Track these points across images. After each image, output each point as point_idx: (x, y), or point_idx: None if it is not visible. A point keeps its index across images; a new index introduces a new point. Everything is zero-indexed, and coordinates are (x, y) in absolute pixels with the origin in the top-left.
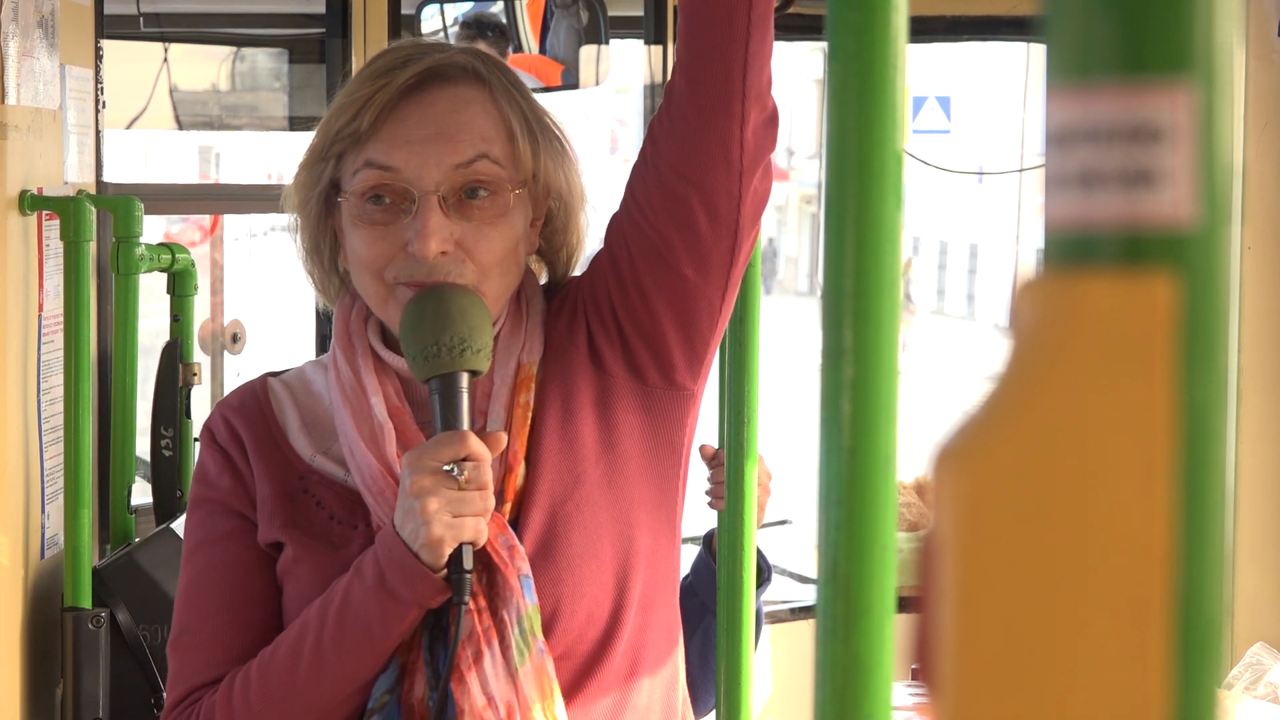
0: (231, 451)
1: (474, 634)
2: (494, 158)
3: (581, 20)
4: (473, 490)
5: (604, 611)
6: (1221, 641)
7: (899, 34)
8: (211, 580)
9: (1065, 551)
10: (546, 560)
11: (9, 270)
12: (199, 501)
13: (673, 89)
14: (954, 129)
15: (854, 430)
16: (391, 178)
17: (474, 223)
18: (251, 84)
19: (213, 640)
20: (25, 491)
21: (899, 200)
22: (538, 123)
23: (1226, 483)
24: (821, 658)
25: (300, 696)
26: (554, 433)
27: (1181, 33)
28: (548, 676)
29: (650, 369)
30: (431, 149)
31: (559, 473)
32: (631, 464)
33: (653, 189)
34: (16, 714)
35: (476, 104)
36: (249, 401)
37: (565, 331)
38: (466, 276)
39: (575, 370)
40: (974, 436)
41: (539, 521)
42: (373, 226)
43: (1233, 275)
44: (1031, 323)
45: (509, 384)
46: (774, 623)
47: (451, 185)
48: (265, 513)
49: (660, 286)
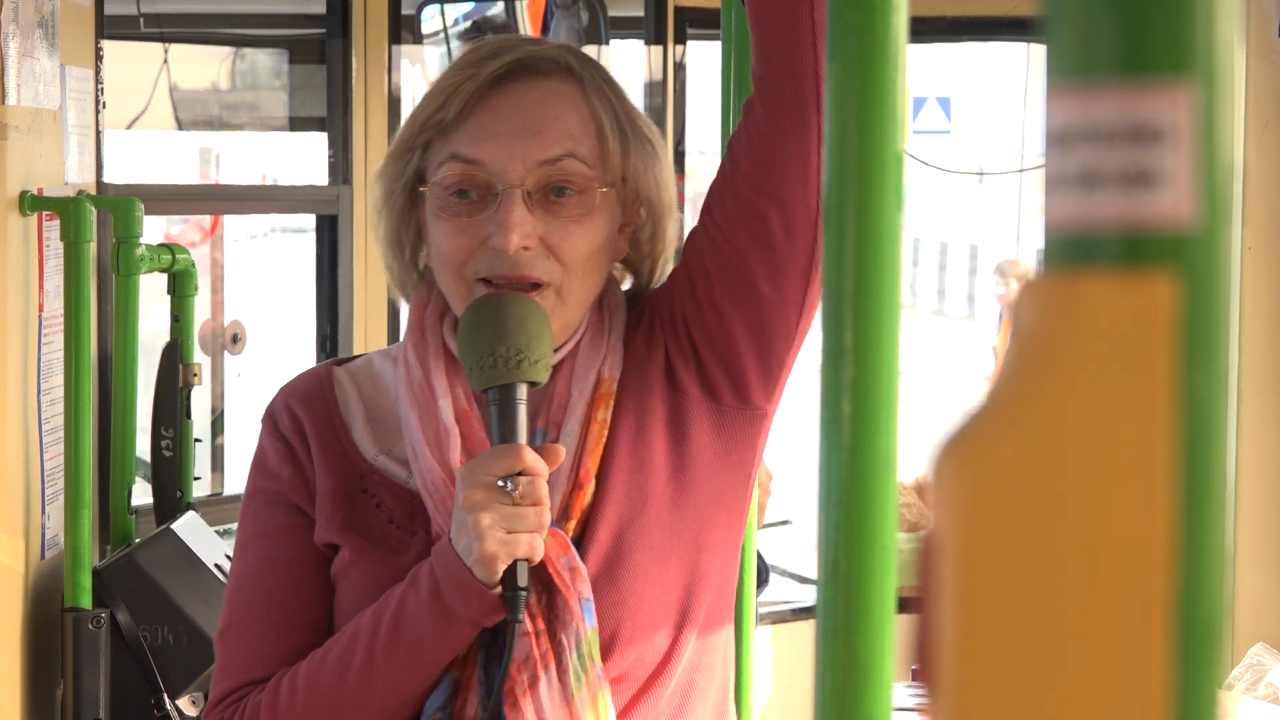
0: (294, 442)
1: (530, 658)
2: (581, 156)
3: (581, 20)
4: (527, 506)
5: (664, 636)
6: (1222, 642)
7: (899, 34)
8: (264, 576)
9: (1065, 551)
10: (609, 581)
11: (9, 270)
12: (257, 492)
13: (750, 104)
14: (954, 129)
15: (854, 430)
16: (476, 170)
17: (559, 219)
18: (251, 84)
19: (261, 637)
20: (25, 492)
21: (899, 200)
22: (629, 123)
23: (1226, 483)
24: (822, 658)
25: (347, 705)
26: (626, 450)
27: (1181, 33)
28: (604, 702)
29: (725, 388)
30: (518, 143)
31: (628, 492)
32: (702, 485)
33: (730, 205)
34: (17, 714)
35: (567, 100)
36: (314, 390)
37: (643, 347)
38: (551, 274)
39: (650, 387)
40: (974, 436)
41: (605, 541)
42: (455, 219)
43: (1233, 275)
44: (1032, 323)
45: (586, 398)
46: (774, 623)
47: (537, 181)
48: (324, 511)
49: (736, 304)
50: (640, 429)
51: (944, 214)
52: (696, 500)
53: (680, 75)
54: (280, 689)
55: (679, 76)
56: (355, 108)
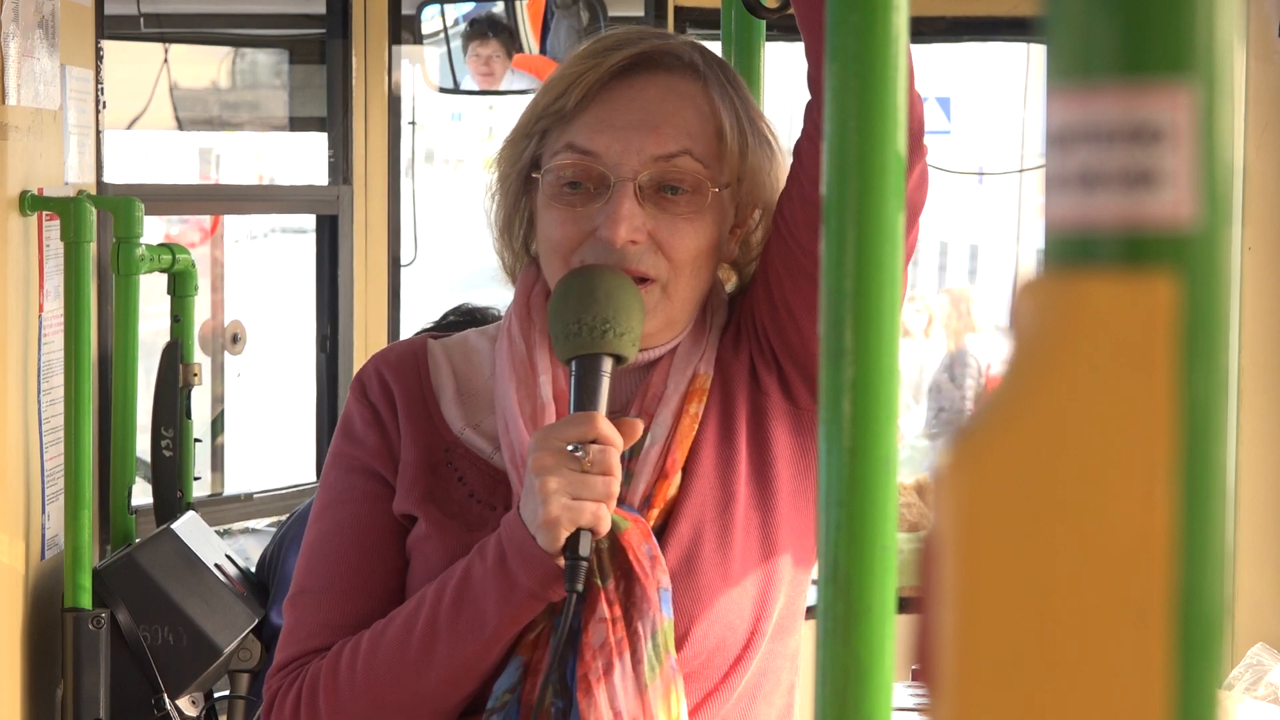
0: (381, 408)
1: (606, 644)
2: (697, 155)
3: (582, 20)
4: (596, 474)
5: (737, 637)
6: (1222, 641)
7: (899, 34)
8: (340, 542)
9: (1066, 551)
10: (688, 576)
11: (9, 270)
12: (338, 457)
13: (810, 106)
14: (954, 129)
15: (854, 430)
16: (590, 162)
17: (669, 215)
18: (251, 84)
19: (331, 605)
20: (25, 492)
21: (899, 201)
22: (750, 124)
23: (1226, 483)
24: (822, 658)
25: (407, 676)
26: (711, 446)
27: (1181, 33)
28: (677, 694)
29: (801, 390)
30: (635, 136)
31: (712, 488)
32: (782, 487)
33: (797, 206)
34: (17, 714)
35: (688, 96)
36: (407, 360)
37: (730, 349)
38: (658, 270)
39: (736, 388)
40: (975, 437)
41: (685, 535)
42: (566, 208)
43: (1233, 275)
44: (1032, 323)
45: (681, 391)
46: None
47: (650, 176)
48: (406, 480)
49: (809, 306)
50: (726, 428)
51: (944, 214)
52: (776, 502)
53: None
54: (341, 658)
55: None
56: (355, 108)
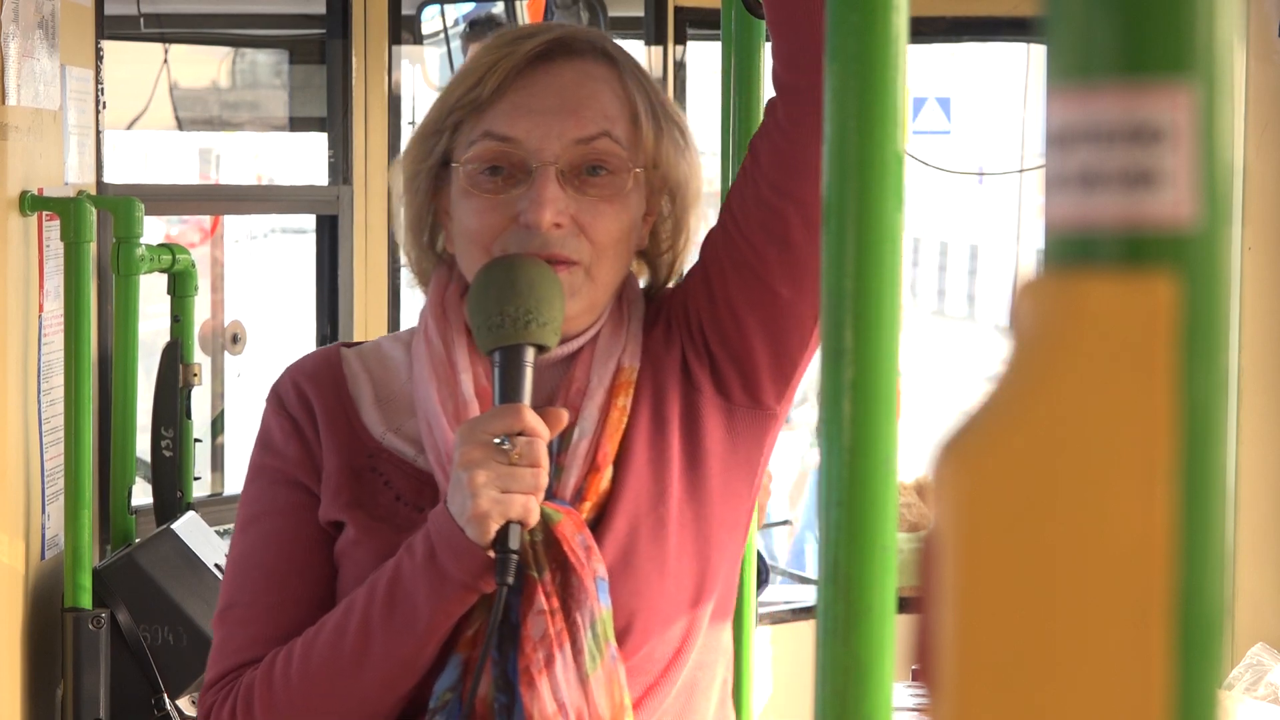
0: (300, 419)
1: (546, 636)
2: (615, 137)
3: (581, 20)
4: (524, 466)
5: (676, 630)
6: (1221, 641)
7: (899, 34)
8: (266, 554)
9: (1066, 551)
10: (625, 571)
11: (9, 270)
12: (260, 470)
13: (772, 103)
14: (954, 130)
15: (854, 430)
16: (510, 149)
17: (590, 199)
18: (251, 84)
19: (261, 617)
20: (25, 492)
21: (899, 201)
22: (662, 110)
23: (1226, 483)
24: (822, 658)
25: (343, 678)
26: (644, 442)
27: (1181, 33)
28: (619, 684)
29: (737, 387)
30: (554, 121)
31: (646, 482)
32: (713, 481)
33: (750, 204)
34: (17, 714)
35: (603, 80)
36: (323, 369)
37: (661, 343)
38: (581, 254)
39: (667, 382)
40: (975, 437)
41: (621, 530)
42: (485, 196)
43: (1233, 275)
44: (1032, 323)
45: (606, 385)
46: (774, 623)
47: (571, 160)
48: (330, 488)
49: (752, 304)
50: (658, 422)
51: (944, 214)
52: (708, 496)
53: (680, 75)
54: (275, 666)
55: (679, 76)
56: (355, 108)
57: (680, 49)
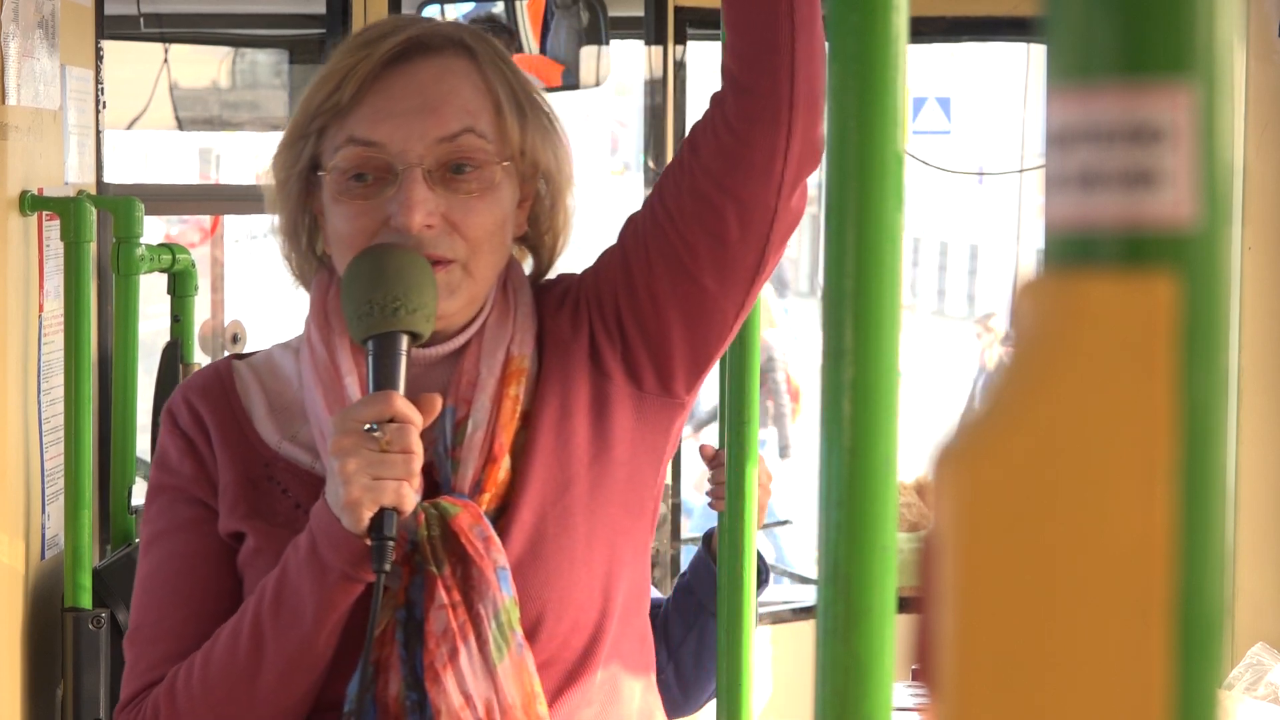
0: (194, 436)
1: (449, 630)
2: (480, 131)
3: (582, 20)
4: (395, 453)
5: (589, 619)
6: (1222, 641)
7: (899, 34)
8: (170, 572)
9: (1066, 551)
10: (534, 561)
11: (9, 270)
12: (158, 489)
13: (719, 97)
14: (954, 130)
15: (854, 430)
16: (374, 153)
17: (460, 196)
18: (251, 83)
19: (169, 635)
20: (25, 492)
21: (899, 201)
22: (526, 97)
23: (1226, 483)
24: (822, 658)
25: (241, 681)
26: (550, 431)
27: (1181, 33)
28: (528, 673)
29: (649, 376)
30: (415, 121)
31: (552, 472)
32: (620, 469)
33: (686, 196)
34: (17, 714)
35: (462, 74)
36: (213, 384)
37: (569, 329)
38: (456, 251)
39: (575, 370)
40: (975, 437)
41: (528, 521)
42: (354, 202)
43: (1233, 275)
44: (1032, 323)
45: (496, 375)
46: (774, 623)
47: (436, 159)
48: (227, 501)
49: (676, 295)
50: (564, 411)
51: (944, 214)
52: (615, 484)
53: (680, 75)
54: (178, 680)
55: (679, 76)
56: None
57: (680, 49)
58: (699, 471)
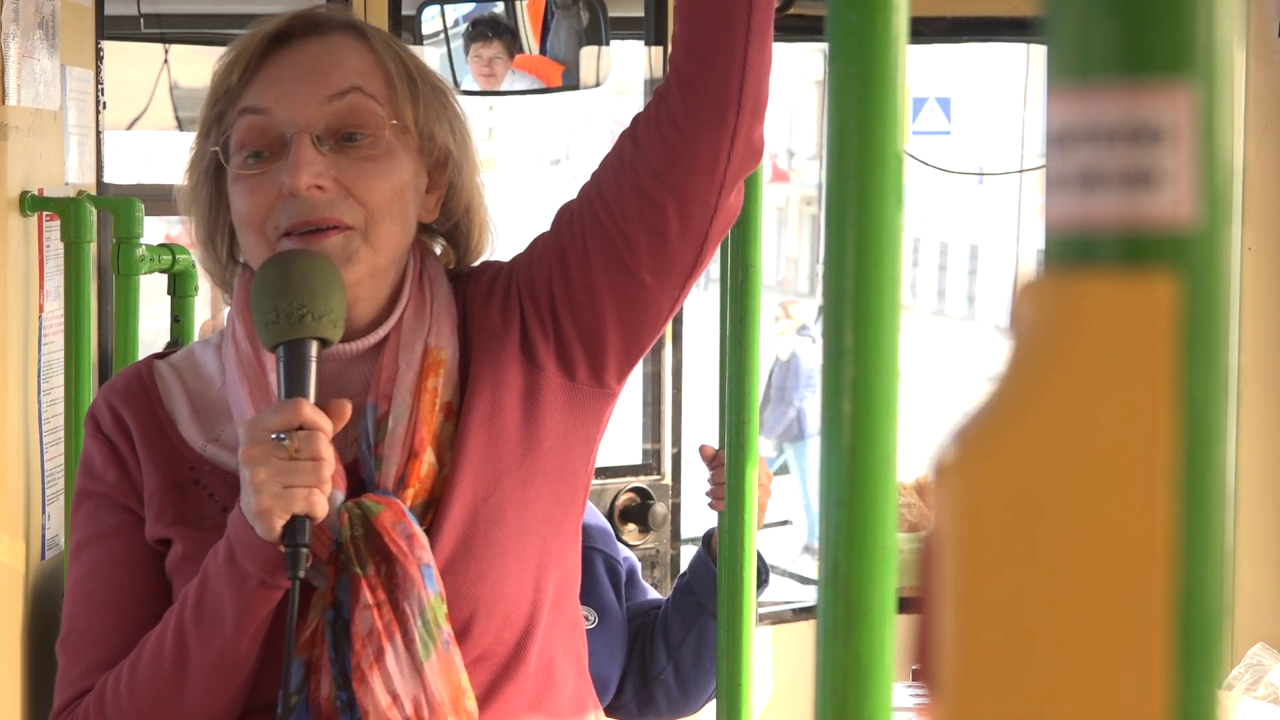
0: (118, 442)
1: (374, 630)
2: (369, 92)
3: (582, 21)
4: (304, 460)
5: (521, 612)
6: (1221, 641)
7: (899, 35)
8: (99, 579)
9: (1066, 552)
10: (465, 558)
11: (9, 271)
12: (84, 495)
13: (664, 92)
14: (954, 130)
15: (854, 430)
16: (265, 122)
17: (352, 160)
18: None
19: (100, 642)
20: (26, 491)
21: (899, 201)
22: (419, 73)
23: (1226, 483)
24: (822, 658)
25: (166, 687)
26: (480, 426)
27: (1181, 33)
28: (456, 669)
29: (581, 366)
30: (303, 83)
31: (482, 468)
32: (550, 461)
33: (626, 189)
34: (17, 714)
35: (349, 48)
36: (134, 387)
37: (498, 321)
38: (353, 217)
39: (506, 362)
40: (975, 437)
41: (459, 517)
42: (250, 178)
43: (1233, 275)
44: (1032, 323)
45: (415, 369)
46: (774, 623)
47: (327, 124)
48: (153, 507)
49: (612, 288)
50: (495, 404)
51: (944, 214)
52: (547, 476)
53: None
54: (106, 688)
55: None
56: None
57: None
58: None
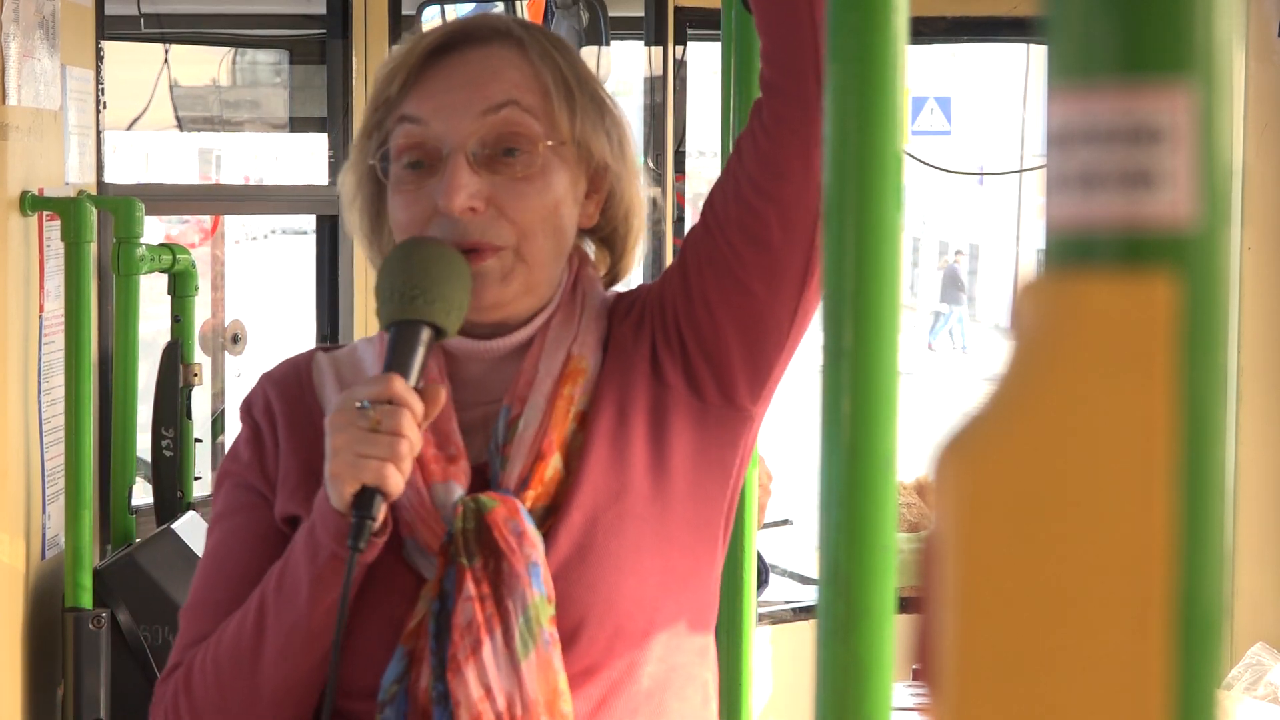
0: (262, 424)
1: (473, 623)
2: (525, 106)
3: (582, 21)
4: (383, 433)
5: (635, 628)
6: (1221, 641)
7: (899, 34)
8: (222, 553)
9: (1066, 552)
10: (580, 565)
11: (10, 270)
12: (224, 475)
13: (758, 105)
14: (954, 130)
15: (854, 430)
16: (422, 133)
17: (507, 179)
18: (251, 83)
19: (213, 612)
20: (26, 492)
21: (899, 201)
22: (578, 82)
23: (1226, 483)
24: (822, 658)
25: (245, 658)
26: (606, 437)
27: (1181, 33)
28: (554, 670)
29: (709, 386)
30: (460, 96)
31: (605, 478)
32: (679, 481)
33: (731, 203)
34: (17, 714)
35: (507, 59)
36: (290, 374)
37: (631, 337)
38: (505, 238)
39: (635, 378)
40: (975, 437)
41: (578, 523)
42: (407, 191)
43: (1233, 275)
44: (1032, 323)
45: (554, 374)
46: (774, 623)
47: (481, 139)
48: (288, 485)
49: (728, 302)
50: (622, 418)
51: (944, 214)
52: (675, 496)
53: (680, 75)
54: (198, 655)
55: (679, 76)
56: (355, 108)
57: (680, 49)
58: None
